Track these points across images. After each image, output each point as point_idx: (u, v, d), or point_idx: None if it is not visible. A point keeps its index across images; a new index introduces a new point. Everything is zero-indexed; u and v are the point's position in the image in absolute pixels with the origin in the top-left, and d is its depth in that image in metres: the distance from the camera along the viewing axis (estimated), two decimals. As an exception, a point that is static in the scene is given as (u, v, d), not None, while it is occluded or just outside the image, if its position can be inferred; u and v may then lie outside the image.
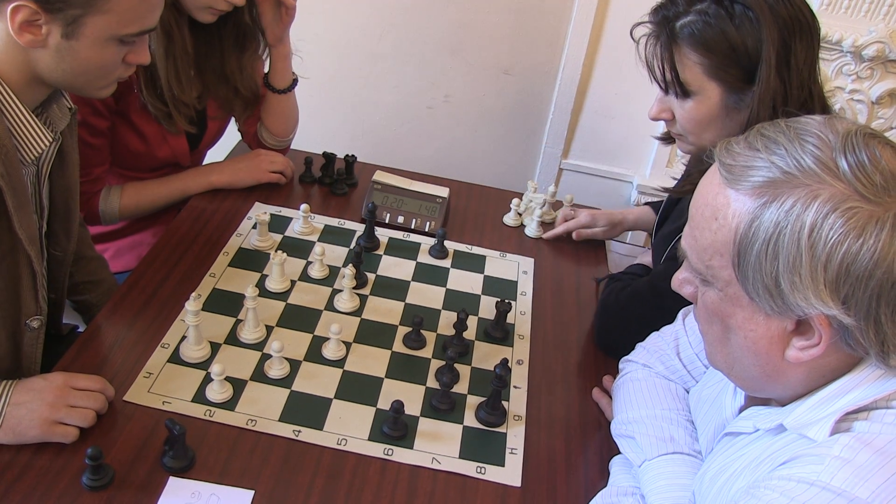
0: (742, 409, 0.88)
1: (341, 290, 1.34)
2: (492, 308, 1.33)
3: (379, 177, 1.65)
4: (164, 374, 1.15)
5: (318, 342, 1.25)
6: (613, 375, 1.21)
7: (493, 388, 1.14)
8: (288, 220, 1.54)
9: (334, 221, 1.56)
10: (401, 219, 1.57)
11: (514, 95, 2.49)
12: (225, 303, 1.30)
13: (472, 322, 1.34)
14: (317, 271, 1.39)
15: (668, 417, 1.03)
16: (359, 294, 1.36)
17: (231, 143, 1.81)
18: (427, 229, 1.57)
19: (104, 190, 1.51)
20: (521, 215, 1.65)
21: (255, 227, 1.47)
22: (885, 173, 0.67)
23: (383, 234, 1.53)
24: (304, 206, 1.49)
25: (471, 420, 1.15)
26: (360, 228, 1.54)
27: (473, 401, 1.18)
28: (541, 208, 1.63)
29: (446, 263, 1.49)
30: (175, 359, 1.18)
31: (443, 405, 1.16)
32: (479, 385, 1.21)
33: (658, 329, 1.17)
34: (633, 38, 1.16)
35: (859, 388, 0.73)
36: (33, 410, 1.00)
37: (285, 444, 1.07)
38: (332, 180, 1.67)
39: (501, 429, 1.15)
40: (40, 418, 1.00)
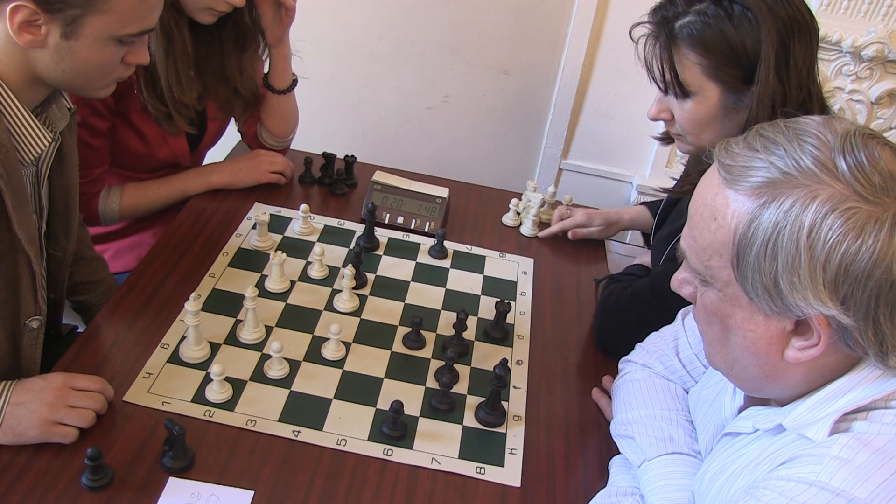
0: (741, 410, 0.88)
1: (341, 291, 1.34)
2: (491, 308, 1.33)
3: (378, 177, 1.65)
4: (164, 374, 1.15)
5: (317, 342, 1.25)
6: (613, 375, 1.21)
7: (493, 389, 1.14)
8: (287, 220, 1.54)
9: (334, 222, 1.56)
10: (400, 219, 1.57)
11: (514, 96, 2.49)
12: (224, 303, 1.30)
13: (472, 322, 1.34)
14: (316, 271, 1.39)
15: (667, 418, 1.03)
16: (358, 294, 1.36)
17: (231, 143, 1.81)
18: (427, 230, 1.57)
19: (104, 190, 1.51)
20: (520, 215, 1.65)
21: (254, 227, 1.47)
22: (884, 174, 0.67)
23: (383, 235, 1.53)
24: (303, 207, 1.49)
25: (470, 420, 1.15)
26: (359, 229, 1.54)
27: (473, 401, 1.18)
28: (539, 208, 1.63)
29: (446, 264, 1.49)
30: (175, 359, 1.18)
31: (442, 405, 1.16)
32: (479, 385, 1.21)
33: (658, 330, 1.17)
34: (632, 39, 1.16)
35: (858, 388, 0.73)
36: (33, 411, 1.00)
37: (285, 445, 1.07)
38: (332, 181, 1.67)
39: (501, 429, 1.15)
40: (40, 418, 1.00)
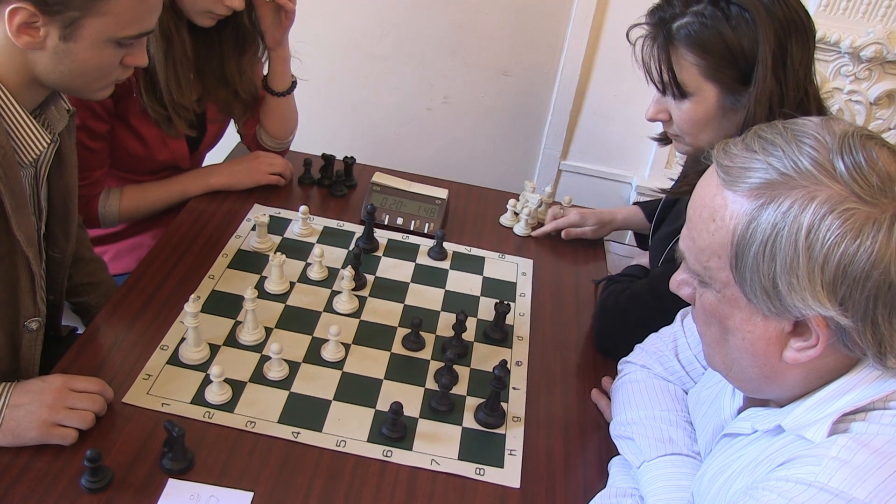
0: (740, 411, 0.88)
1: (340, 292, 1.34)
2: (491, 309, 1.33)
3: (378, 178, 1.65)
4: (164, 375, 1.15)
5: (317, 344, 1.25)
6: (612, 377, 1.21)
7: (492, 390, 1.14)
8: (287, 221, 1.54)
9: (333, 223, 1.56)
10: (400, 220, 1.57)
11: (514, 97, 2.49)
12: (224, 304, 1.30)
13: (471, 323, 1.34)
14: (316, 273, 1.39)
15: (666, 419, 1.03)
16: (358, 296, 1.36)
17: (230, 144, 1.81)
18: (426, 231, 1.57)
19: (103, 193, 1.51)
20: (517, 215, 1.65)
21: (254, 228, 1.47)
22: (882, 174, 0.68)
23: (382, 236, 1.53)
24: (303, 208, 1.49)
25: (470, 421, 1.15)
26: (359, 230, 1.54)
27: (472, 402, 1.18)
28: (536, 208, 1.63)
29: (445, 265, 1.49)
30: (174, 360, 1.18)
31: (442, 406, 1.16)
32: (479, 386, 1.21)
33: (657, 331, 1.17)
34: (629, 41, 1.17)
35: (857, 389, 0.73)
36: (32, 412, 1.00)
37: (284, 446, 1.07)
38: (332, 182, 1.67)
39: (500, 430, 1.15)
40: (39, 420, 1.00)
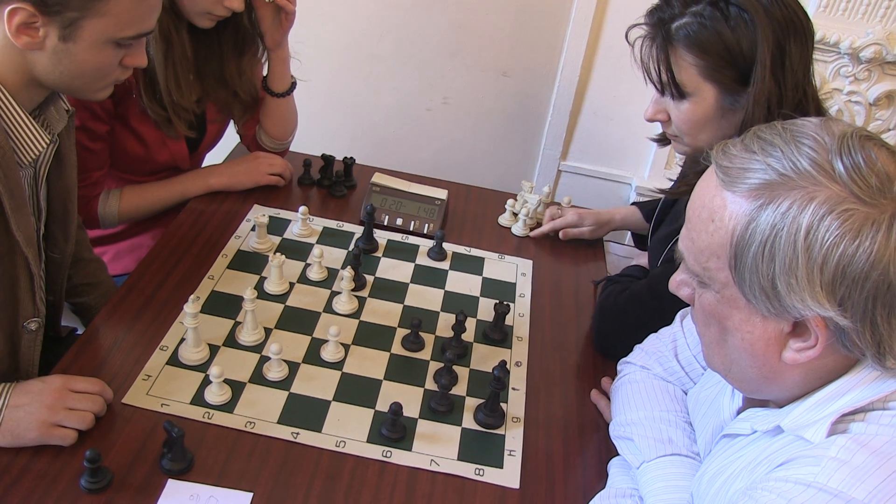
0: (740, 411, 0.88)
1: (340, 293, 1.34)
2: (490, 310, 1.33)
3: (377, 179, 1.65)
4: (163, 376, 1.15)
5: (316, 344, 1.25)
6: (612, 377, 1.21)
7: (492, 390, 1.14)
8: (287, 222, 1.54)
9: (333, 223, 1.56)
10: (399, 221, 1.57)
11: (513, 97, 2.49)
12: (224, 305, 1.30)
13: (471, 324, 1.34)
14: (315, 273, 1.39)
15: (666, 419, 1.03)
16: (357, 296, 1.36)
17: (230, 145, 1.81)
18: (426, 231, 1.57)
19: (103, 194, 1.51)
20: (516, 216, 1.65)
21: (253, 229, 1.47)
22: (881, 175, 0.68)
23: (382, 237, 1.53)
24: (302, 209, 1.49)
25: (469, 422, 1.15)
26: (358, 230, 1.54)
27: (472, 403, 1.18)
28: (535, 209, 1.63)
29: (445, 265, 1.49)
30: (174, 361, 1.18)
31: (441, 407, 1.16)
32: (478, 387, 1.21)
33: (656, 331, 1.17)
34: (628, 41, 1.17)
35: (856, 389, 0.73)
36: (31, 413, 1.00)
37: (284, 446, 1.07)
38: (331, 182, 1.67)
39: (500, 430, 1.15)
40: (38, 421, 1.00)
